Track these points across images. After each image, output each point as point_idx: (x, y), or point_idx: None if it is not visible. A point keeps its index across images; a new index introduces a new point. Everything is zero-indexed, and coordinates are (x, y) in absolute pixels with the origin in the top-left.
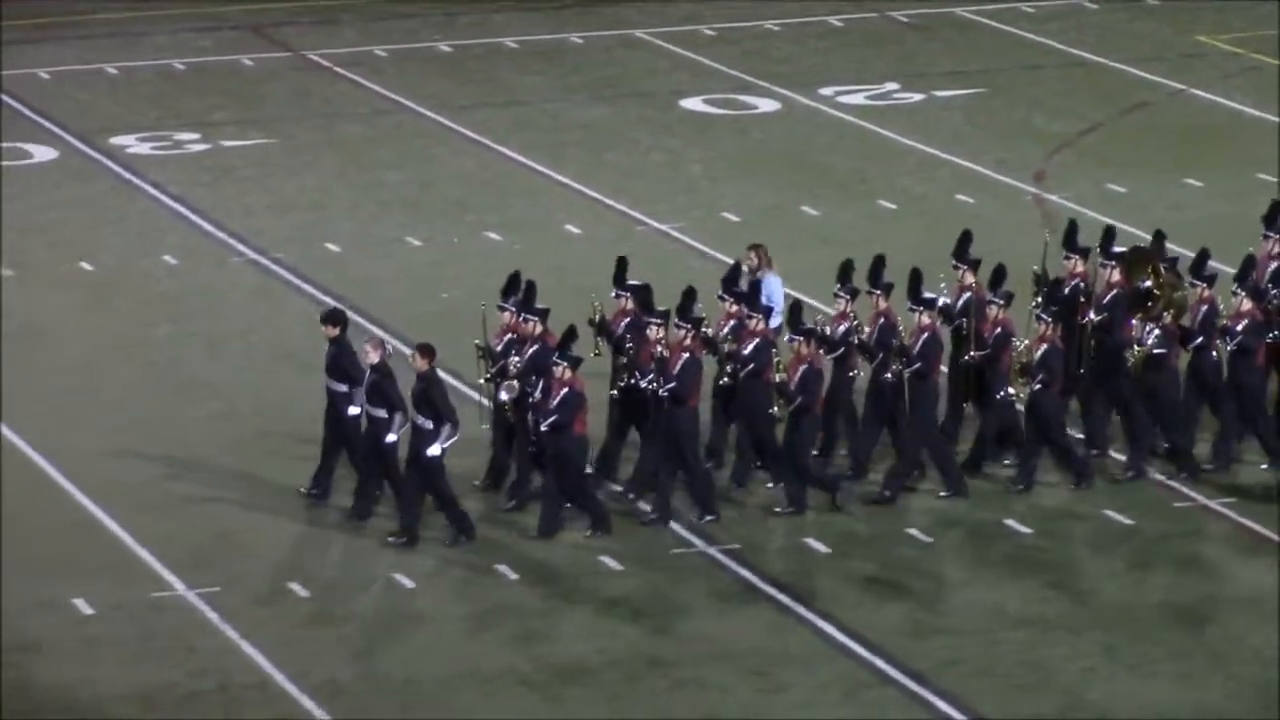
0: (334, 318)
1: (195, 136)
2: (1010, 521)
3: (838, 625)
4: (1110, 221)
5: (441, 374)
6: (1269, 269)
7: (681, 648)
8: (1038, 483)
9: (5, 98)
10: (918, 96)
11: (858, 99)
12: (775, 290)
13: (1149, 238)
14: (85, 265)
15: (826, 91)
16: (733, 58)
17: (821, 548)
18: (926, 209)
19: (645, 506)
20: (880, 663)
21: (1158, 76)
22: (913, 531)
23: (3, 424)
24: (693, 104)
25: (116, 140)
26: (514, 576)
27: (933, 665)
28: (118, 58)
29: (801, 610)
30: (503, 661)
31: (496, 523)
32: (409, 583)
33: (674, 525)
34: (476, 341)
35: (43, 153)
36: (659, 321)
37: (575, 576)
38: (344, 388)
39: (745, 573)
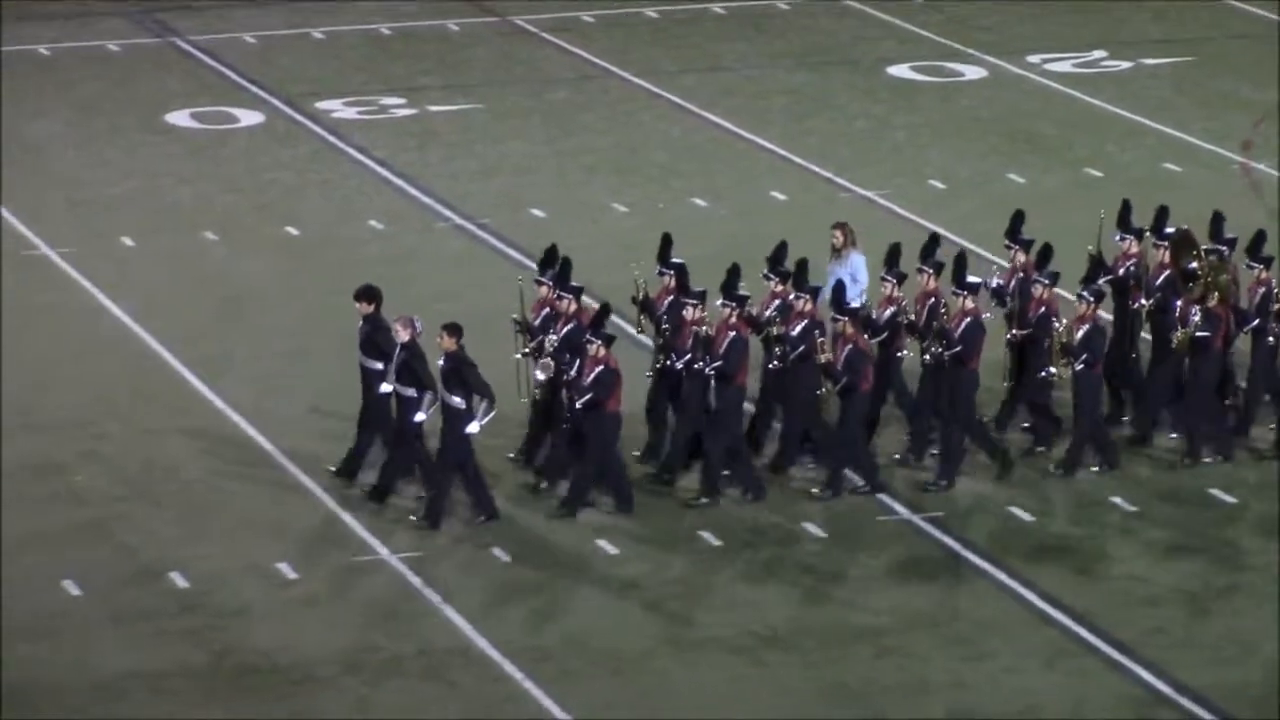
0: (368, 294)
1: (401, 101)
2: (1215, 492)
3: (1040, 593)
4: None
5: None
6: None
7: (884, 615)
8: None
9: (212, 61)
10: (1125, 64)
11: (1065, 66)
12: (860, 268)
13: None
14: (290, 230)
15: (1033, 59)
16: (940, 25)
17: (1025, 516)
18: (1132, 177)
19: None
20: (1083, 631)
21: None
22: (1117, 500)
23: (211, 389)
24: (899, 71)
25: (322, 105)
26: (718, 542)
27: (1136, 635)
28: (324, 22)
29: (1004, 578)
30: (705, 629)
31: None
32: (612, 549)
33: (880, 495)
34: (514, 316)
35: (249, 117)
36: (695, 302)
37: (778, 544)
38: (379, 365)
39: (949, 540)
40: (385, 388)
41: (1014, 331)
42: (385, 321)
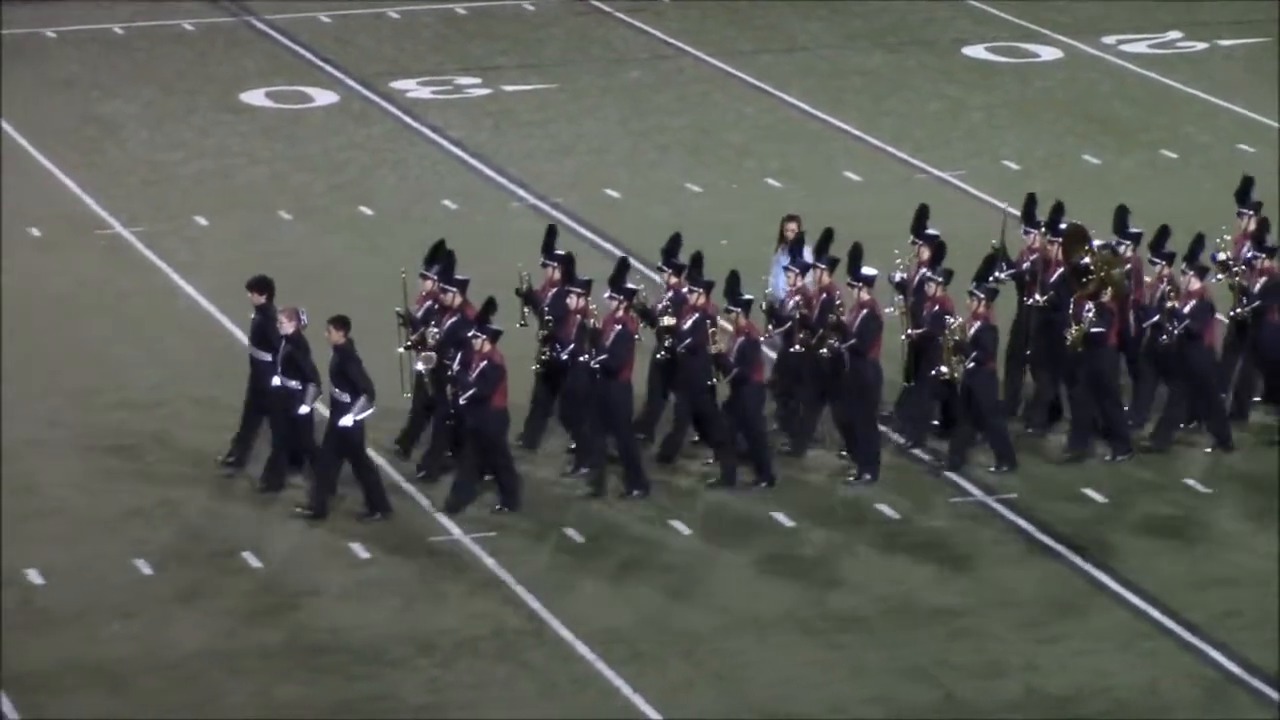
0: (260, 284)
1: (476, 81)
2: None
3: (1114, 575)
4: None
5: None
6: (1244, 248)
7: (959, 597)
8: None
9: (287, 41)
10: (1200, 45)
11: (1140, 47)
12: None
13: None
14: (364, 210)
15: (1109, 40)
16: (1016, 6)
17: (1099, 497)
18: (1208, 159)
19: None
20: (1156, 613)
21: None
22: (1190, 482)
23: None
24: (975, 51)
25: (397, 84)
26: (790, 524)
27: (1209, 617)
28: (400, 1)
29: (1078, 560)
30: (781, 609)
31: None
32: (685, 529)
33: (953, 475)
34: (397, 309)
35: (323, 96)
36: (580, 291)
37: (853, 524)
38: (268, 357)
39: (1023, 522)
40: (276, 380)
41: (909, 330)
42: (276, 312)
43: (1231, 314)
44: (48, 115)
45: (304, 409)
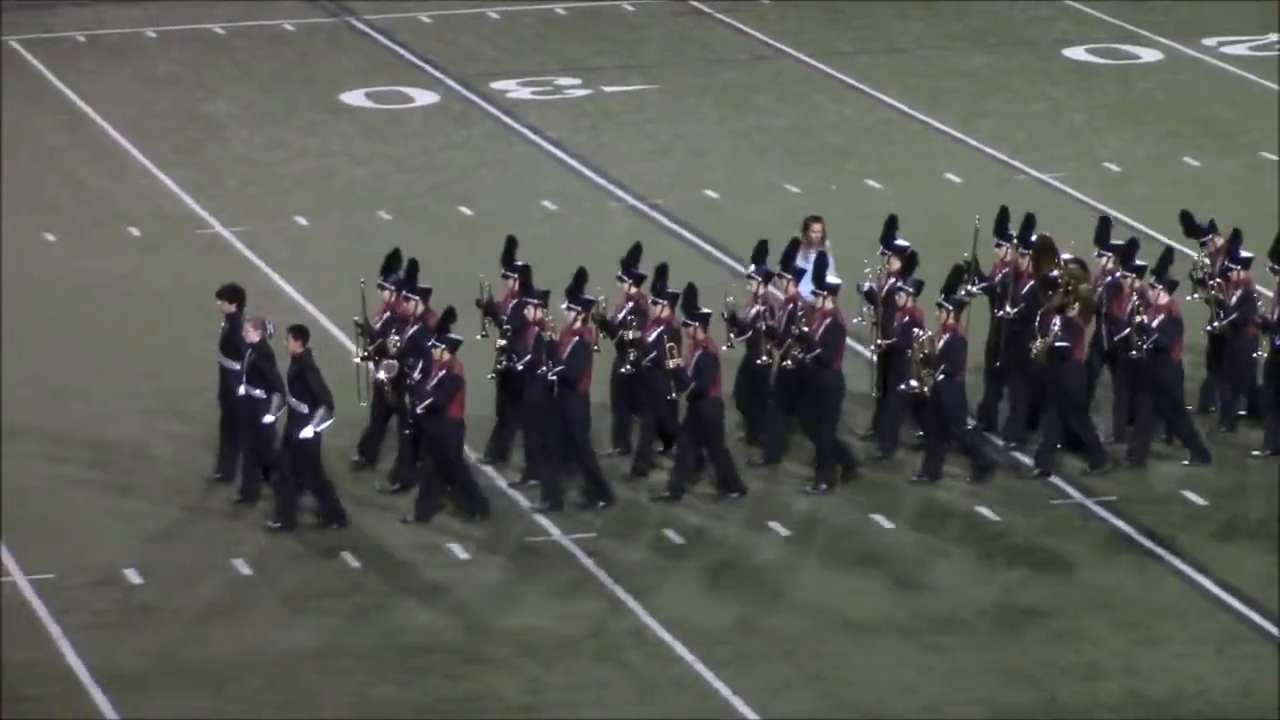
0: (230, 293)
1: (576, 81)
2: None
3: (1211, 577)
4: None
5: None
6: (1218, 263)
7: (1058, 599)
8: None
9: (387, 41)
10: None
11: (1240, 49)
12: (827, 266)
13: None
14: (464, 210)
15: (1209, 41)
16: (1116, 7)
17: (1198, 500)
18: None
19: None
20: (1256, 616)
21: None
22: None
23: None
24: (1075, 53)
25: (497, 84)
26: (889, 525)
27: None
28: (500, 2)
29: (1177, 562)
30: (879, 611)
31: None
32: (783, 531)
33: (1054, 477)
34: (355, 318)
35: (423, 96)
36: (537, 302)
37: (950, 526)
38: (238, 365)
39: (1121, 524)
40: (243, 389)
41: (879, 341)
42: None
43: (1208, 329)
44: (148, 115)
45: (268, 418)
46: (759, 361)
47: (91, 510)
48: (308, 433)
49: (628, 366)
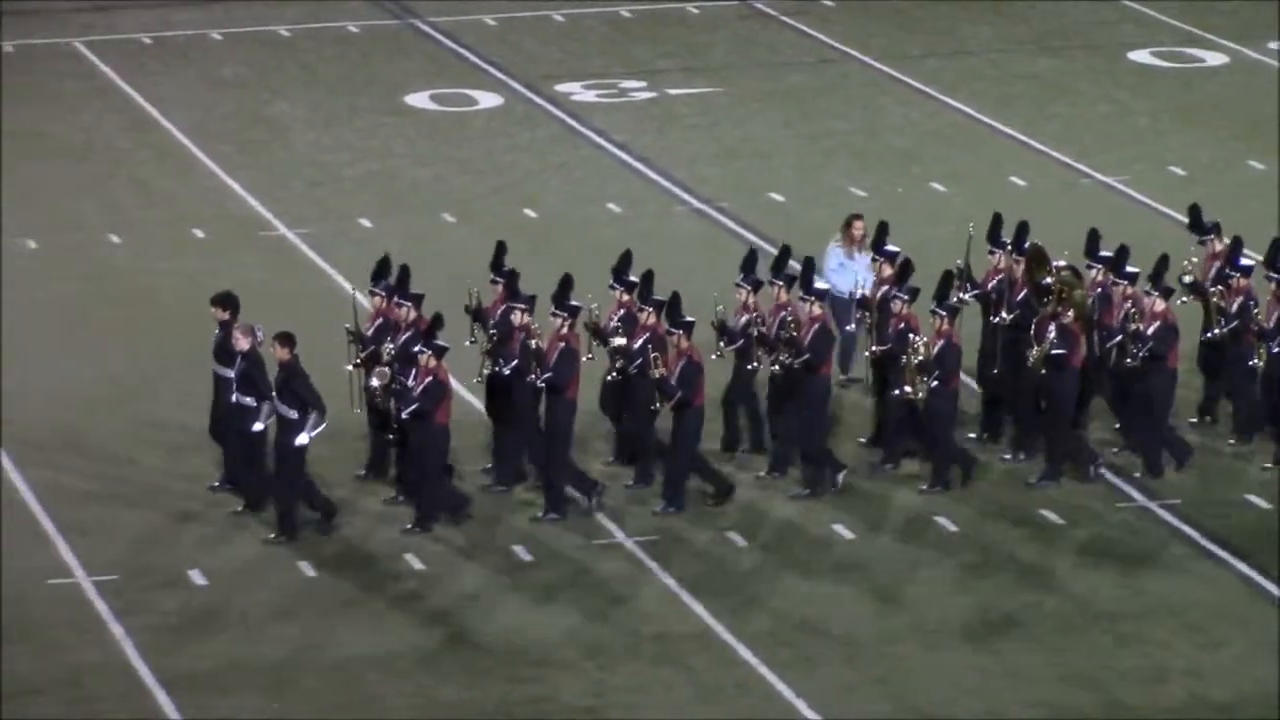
0: (225, 300)
1: (641, 84)
2: None
3: (1276, 581)
4: None
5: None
6: (1212, 270)
7: (1121, 602)
8: None
9: (451, 43)
10: None
11: None
12: (862, 268)
13: None
14: (528, 212)
15: (1274, 45)
16: (1181, 10)
17: (1263, 503)
18: None
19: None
20: None
21: None
22: None
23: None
24: (1140, 56)
25: (562, 87)
26: (953, 528)
27: None
28: (565, 4)
29: (1241, 565)
30: (939, 615)
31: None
32: (848, 534)
33: (1113, 478)
34: (346, 325)
35: (488, 99)
36: (523, 307)
37: (1014, 528)
38: (231, 373)
39: (1186, 528)
40: (257, 426)
41: (873, 348)
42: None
43: (1208, 336)
44: (213, 117)
45: (258, 425)
46: (749, 367)
47: (156, 511)
48: (302, 439)
49: (614, 374)
